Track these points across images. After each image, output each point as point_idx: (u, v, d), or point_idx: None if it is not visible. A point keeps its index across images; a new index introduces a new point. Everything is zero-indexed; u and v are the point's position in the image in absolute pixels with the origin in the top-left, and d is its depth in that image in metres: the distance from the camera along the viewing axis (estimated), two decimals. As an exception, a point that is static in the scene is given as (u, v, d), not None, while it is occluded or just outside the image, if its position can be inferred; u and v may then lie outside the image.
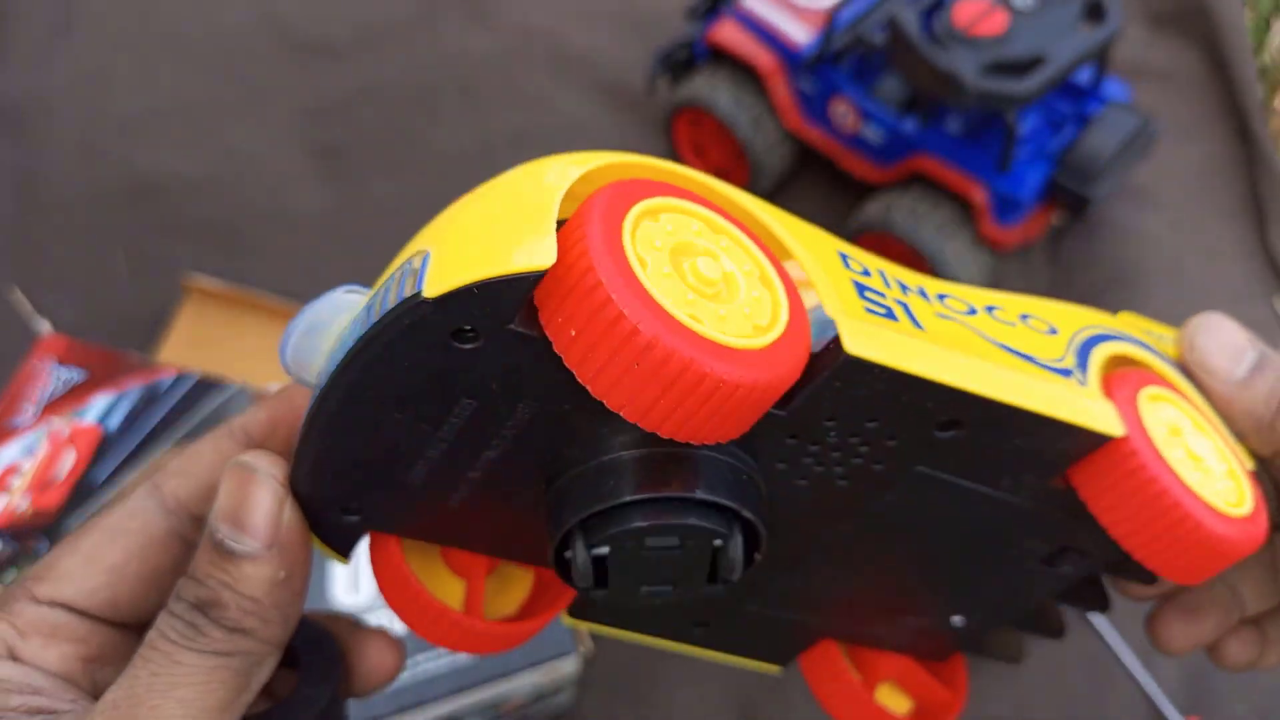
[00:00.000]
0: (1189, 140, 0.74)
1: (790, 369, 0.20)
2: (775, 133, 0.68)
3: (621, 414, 0.19)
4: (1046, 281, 0.69)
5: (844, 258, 0.24)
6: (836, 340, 0.21)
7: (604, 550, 0.22)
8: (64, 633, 0.25)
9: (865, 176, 0.67)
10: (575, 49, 0.80)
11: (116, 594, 0.26)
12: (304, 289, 0.67)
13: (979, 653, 0.33)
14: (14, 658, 0.24)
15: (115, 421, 0.53)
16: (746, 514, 0.22)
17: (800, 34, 0.65)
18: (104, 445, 0.52)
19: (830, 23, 0.62)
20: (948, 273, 0.62)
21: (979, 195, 0.61)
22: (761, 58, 0.66)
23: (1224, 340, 0.28)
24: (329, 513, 0.25)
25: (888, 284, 0.24)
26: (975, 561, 0.28)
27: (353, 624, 0.30)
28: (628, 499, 0.21)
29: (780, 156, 0.69)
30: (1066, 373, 0.25)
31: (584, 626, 0.29)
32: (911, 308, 0.24)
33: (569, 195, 0.21)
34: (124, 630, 0.26)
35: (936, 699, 0.33)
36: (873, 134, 0.64)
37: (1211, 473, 0.26)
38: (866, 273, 0.24)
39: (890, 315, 0.22)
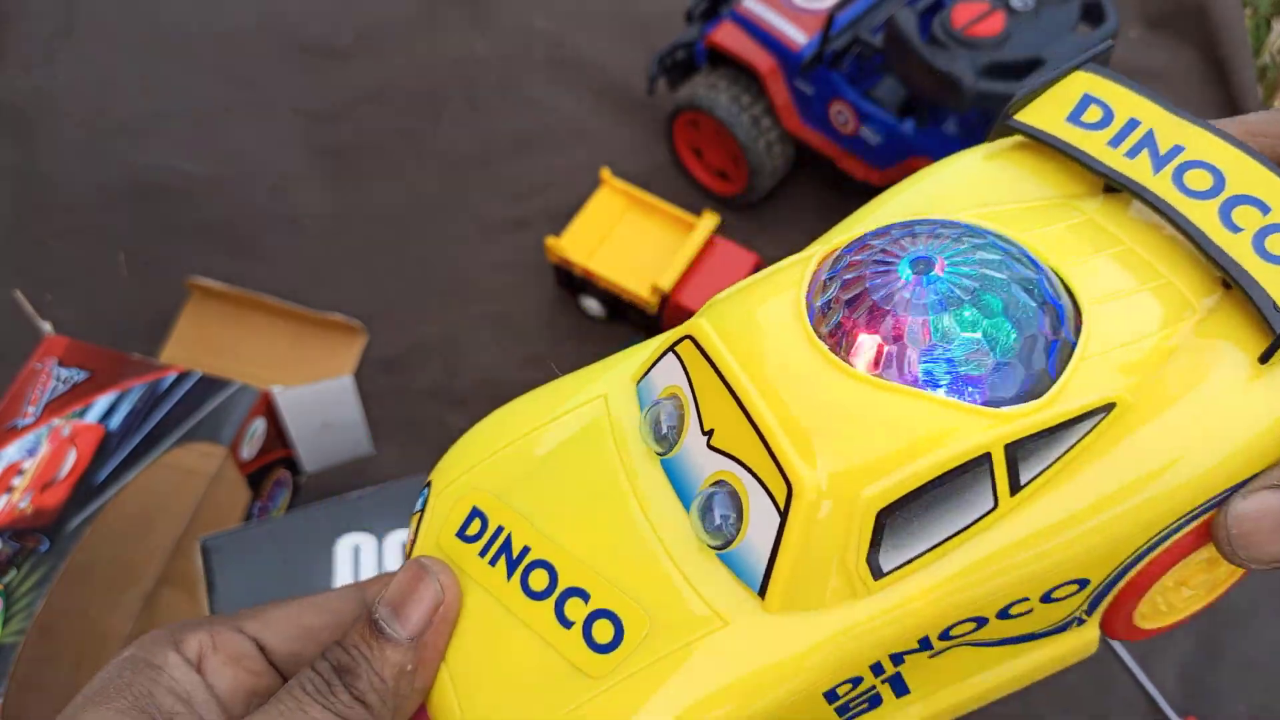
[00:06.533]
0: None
1: None
2: (774, 134, 0.68)
3: None
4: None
5: (831, 696, 0.24)
6: None
7: None
8: (246, 663, 0.29)
9: (864, 178, 0.67)
10: (576, 52, 0.80)
11: (302, 650, 0.30)
12: (306, 290, 0.68)
13: None
14: (199, 668, 0.29)
15: (117, 421, 0.53)
16: None
17: (799, 36, 0.65)
18: (105, 445, 0.52)
19: (828, 24, 0.62)
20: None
21: (977, 196, 0.61)
22: (760, 59, 0.66)
23: (1265, 525, 0.24)
24: None
25: (879, 671, 0.24)
26: None
27: None
28: None
29: (779, 157, 0.69)
30: (1065, 626, 0.26)
31: None
32: (904, 675, 0.25)
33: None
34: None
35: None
36: (871, 136, 0.64)
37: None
38: (855, 681, 0.24)
39: (872, 704, 0.25)
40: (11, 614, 0.47)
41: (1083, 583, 0.25)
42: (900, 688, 0.25)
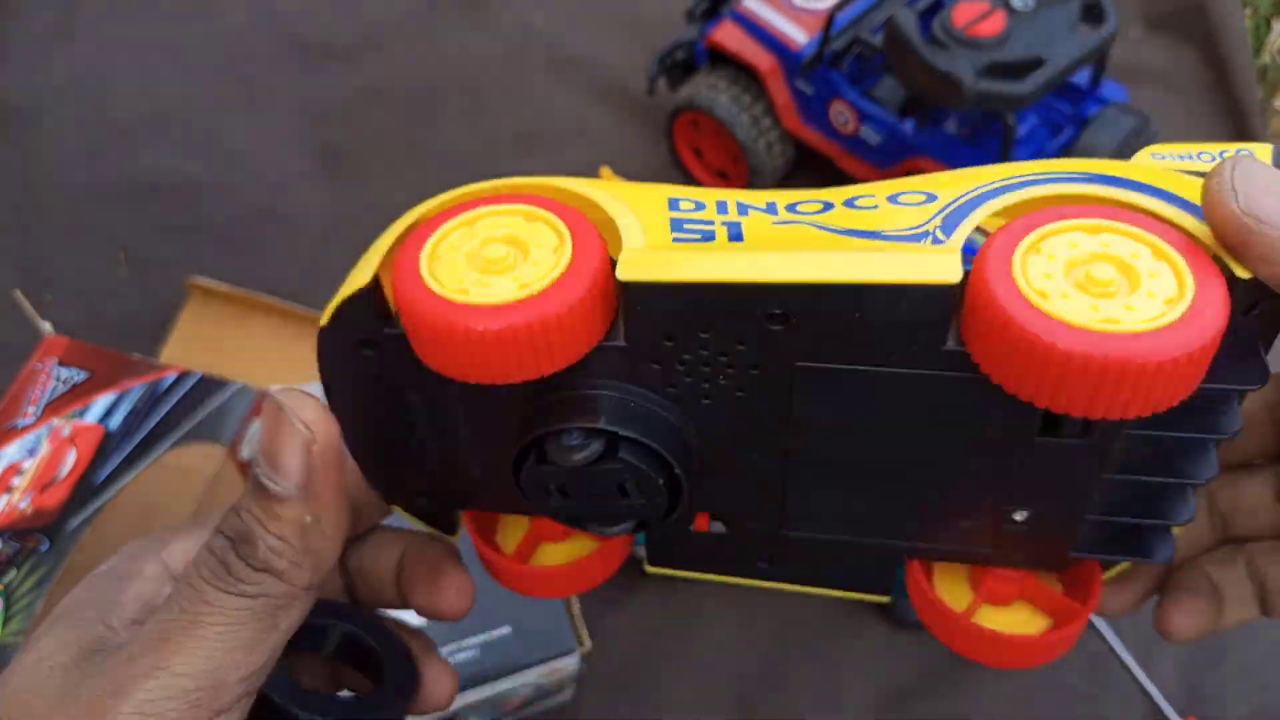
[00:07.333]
0: (1188, 141, 0.74)
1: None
2: (774, 133, 0.68)
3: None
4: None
5: (673, 202, 0.26)
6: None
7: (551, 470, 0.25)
8: None
9: (864, 178, 0.67)
10: (576, 51, 0.80)
11: None
12: (305, 289, 0.68)
13: (1110, 552, 0.27)
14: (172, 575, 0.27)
15: (116, 421, 0.53)
16: (628, 434, 0.24)
17: (799, 35, 0.65)
18: (105, 445, 0.52)
19: (828, 24, 0.62)
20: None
21: (977, 196, 0.61)
22: (761, 59, 0.66)
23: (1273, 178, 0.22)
24: (412, 499, 0.30)
25: (723, 210, 0.26)
26: (962, 447, 0.25)
27: (427, 646, 0.31)
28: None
29: (779, 157, 0.69)
30: (918, 237, 0.24)
31: (663, 572, 0.30)
32: (743, 225, 0.25)
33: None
34: None
35: (1062, 609, 0.29)
36: (871, 135, 0.64)
37: (1117, 295, 0.23)
38: (699, 206, 0.26)
39: (705, 238, 0.25)
40: (11, 614, 0.47)
41: (929, 195, 0.26)
42: (736, 236, 0.25)
